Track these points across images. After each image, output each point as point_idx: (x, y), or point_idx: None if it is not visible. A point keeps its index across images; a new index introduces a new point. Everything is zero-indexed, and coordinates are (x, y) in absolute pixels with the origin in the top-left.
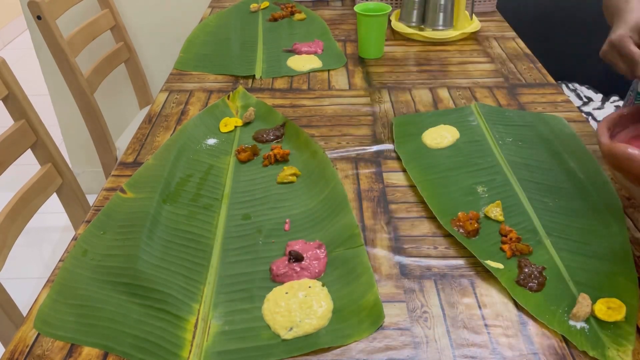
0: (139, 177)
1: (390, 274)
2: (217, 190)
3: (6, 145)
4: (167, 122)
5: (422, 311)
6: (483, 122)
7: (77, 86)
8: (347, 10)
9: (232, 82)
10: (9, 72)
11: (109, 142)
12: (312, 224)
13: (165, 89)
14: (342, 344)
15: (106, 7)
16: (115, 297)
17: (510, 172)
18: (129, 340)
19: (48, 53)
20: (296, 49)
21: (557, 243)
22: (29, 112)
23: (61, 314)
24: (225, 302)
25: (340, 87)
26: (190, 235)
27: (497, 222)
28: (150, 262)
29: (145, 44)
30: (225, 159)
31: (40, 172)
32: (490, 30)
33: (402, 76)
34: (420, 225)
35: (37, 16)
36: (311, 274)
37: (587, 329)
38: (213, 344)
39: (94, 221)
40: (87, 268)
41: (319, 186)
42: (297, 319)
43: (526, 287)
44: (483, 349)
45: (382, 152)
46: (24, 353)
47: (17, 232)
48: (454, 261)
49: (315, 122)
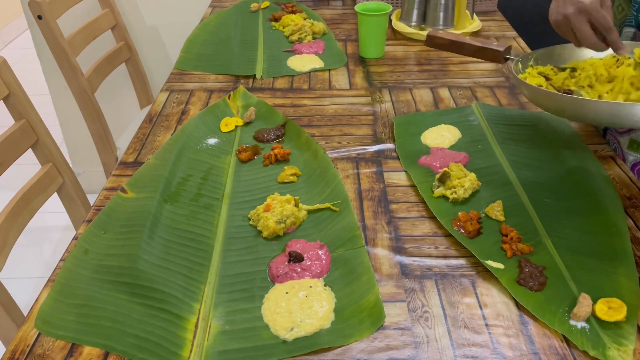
0: (140, 176)
1: (391, 274)
2: (218, 190)
3: (7, 145)
4: (167, 121)
5: (422, 311)
6: (484, 121)
7: (77, 86)
8: (348, 10)
9: (233, 82)
10: (10, 72)
11: (110, 141)
12: (313, 224)
13: (165, 89)
14: (343, 343)
15: (107, 7)
16: (116, 297)
17: (511, 171)
18: (129, 340)
19: (49, 53)
20: (296, 49)
21: (558, 243)
22: (29, 112)
23: (62, 314)
24: (226, 302)
25: (341, 86)
26: (191, 235)
27: (497, 221)
28: (151, 262)
29: (145, 43)
30: (225, 158)
31: (40, 171)
32: (491, 29)
33: (403, 76)
34: (420, 225)
35: (37, 16)
36: (312, 274)
37: (588, 328)
38: (214, 343)
39: (95, 221)
40: (88, 268)
41: (319, 186)
42: (297, 319)
43: (527, 287)
44: (484, 348)
45: (382, 152)
46: (25, 352)
47: (17, 231)
48: (455, 261)
49: (316, 121)
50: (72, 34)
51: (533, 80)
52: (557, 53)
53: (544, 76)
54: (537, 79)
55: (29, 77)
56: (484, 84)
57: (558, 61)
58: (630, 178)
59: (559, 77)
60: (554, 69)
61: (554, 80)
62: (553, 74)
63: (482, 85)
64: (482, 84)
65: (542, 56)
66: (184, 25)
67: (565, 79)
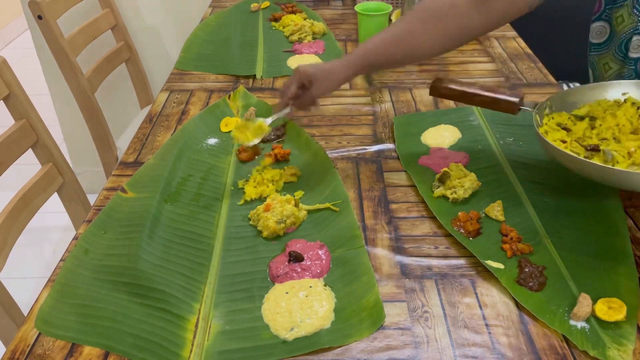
0: (140, 176)
1: (391, 274)
2: (218, 190)
3: (7, 145)
4: (167, 121)
5: (422, 311)
6: (484, 121)
7: (77, 86)
8: (348, 10)
9: (233, 82)
10: (10, 72)
11: (110, 141)
12: (313, 224)
13: (166, 89)
14: (343, 343)
15: (107, 7)
16: (116, 297)
17: (511, 171)
18: (129, 340)
19: (49, 53)
20: (296, 49)
21: (558, 243)
22: (29, 112)
23: (62, 314)
24: (226, 302)
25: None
26: (191, 235)
27: (497, 221)
28: (151, 262)
29: (146, 43)
30: (225, 158)
31: (41, 171)
32: None
33: (403, 76)
34: (420, 225)
35: (37, 16)
36: (312, 274)
37: (588, 328)
38: (214, 343)
39: (95, 221)
40: (88, 268)
41: (319, 186)
42: (297, 319)
43: (527, 287)
44: (484, 348)
45: (382, 152)
46: (25, 352)
47: (18, 231)
48: (455, 261)
49: (316, 121)
50: (72, 34)
51: (554, 135)
52: (571, 97)
53: (563, 128)
54: (558, 134)
55: (29, 77)
56: (484, 84)
57: (572, 106)
58: None
59: (578, 127)
60: (571, 118)
61: (573, 130)
62: (572, 124)
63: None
64: (482, 84)
65: (556, 102)
66: (184, 25)
67: (586, 129)
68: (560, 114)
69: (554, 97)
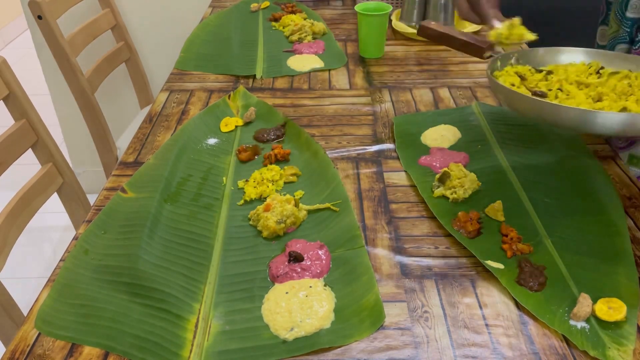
0: (140, 176)
1: (391, 274)
2: (218, 190)
3: (7, 145)
4: (167, 121)
5: (422, 311)
6: (484, 121)
7: (77, 86)
8: (348, 10)
9: (233, 82)
10: (10, 72)
11: (110, 141)
12: (313, 224)
13: (165, 89)
14: (343, 343)
15: (107, 7)
16: (116, 297)
17: (511, 171)
18: (129, 340)
19: (49, 53)
20: (296, 49)
21: (558, 243)
22: (29, 112)
23: (62, 314)
24: (226, 302)
25: (340, 86)
26: (191, 235)
27: (497, 221)
28: (151, 262)
29: (145, 43)
30: (225, 158)
31: (40, 171)
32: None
33: (403, 76)
34: (420, 225)
35: (37, 16)
36: (312, 274)
37: (588, 328)
38: (214, 343)
39: (95, 221)
40: (88, 268)
41: (319, 186)
42: (297, 319)
43: (527, 287)
44: (484, 348)
45: (382, 152)
46: (25, 352)
47: (17, 231)
48: (455, 261)
49: (316, 121)
50: (72, 34)
51: (508, 79)
52: (540, 55)
53: (519, 76)
54: (511, 78)
55: (29, 77)
56: (484, 84)
57: (539, 63)
58: (630, 178)
59: (534, 77)
60: (531, 70)
61: (529, 80)
62: (530, 74)
63: (482, 85)
64: (482, 84)
65: (524, 56)
66: (184, 25)
67: (540, 80)
68: (523, 67)
69: (524, 51)
